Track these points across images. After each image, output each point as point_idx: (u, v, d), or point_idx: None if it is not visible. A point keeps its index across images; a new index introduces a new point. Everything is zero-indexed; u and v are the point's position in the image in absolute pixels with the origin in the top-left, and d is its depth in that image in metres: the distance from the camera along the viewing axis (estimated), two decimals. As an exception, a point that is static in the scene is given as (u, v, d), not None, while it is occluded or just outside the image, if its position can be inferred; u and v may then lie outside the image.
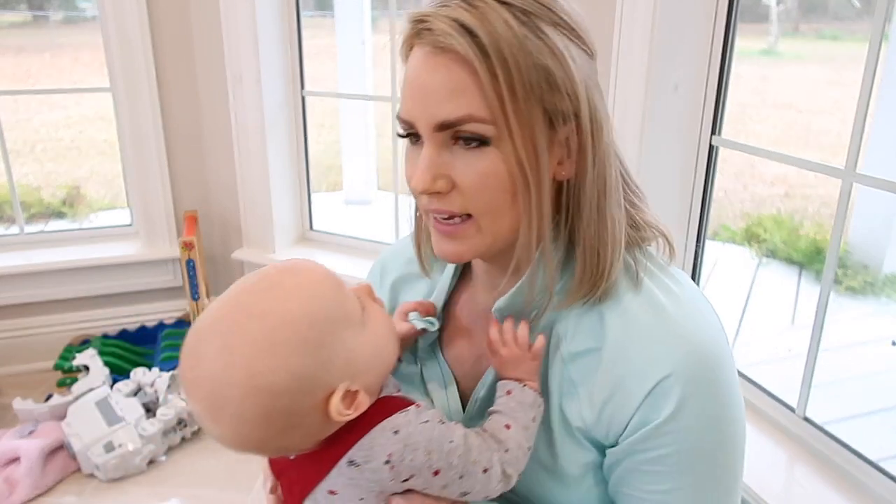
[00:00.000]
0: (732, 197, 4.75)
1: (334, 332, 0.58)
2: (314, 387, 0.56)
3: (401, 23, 0.67)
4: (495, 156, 0.60)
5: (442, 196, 0.62)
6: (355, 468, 0.58)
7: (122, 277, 2.43)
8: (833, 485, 1.32)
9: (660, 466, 0.63)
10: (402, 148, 0.70)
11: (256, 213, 2.37)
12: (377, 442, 0.58)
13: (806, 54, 7.64)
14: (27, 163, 5.45)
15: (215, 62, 2.27)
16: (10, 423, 2.08)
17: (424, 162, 0.61)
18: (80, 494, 1.84)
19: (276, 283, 0.58)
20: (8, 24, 8.23)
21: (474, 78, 0.57)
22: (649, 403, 0.62)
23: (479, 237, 0.64)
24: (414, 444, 0.58)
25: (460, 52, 0.57)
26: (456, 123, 0.59)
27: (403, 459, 0.58)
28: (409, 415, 0.60)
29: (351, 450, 0.58)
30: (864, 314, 3.12)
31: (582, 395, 0.66)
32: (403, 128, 0.64)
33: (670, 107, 1.56)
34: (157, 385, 2.05)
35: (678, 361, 0.62)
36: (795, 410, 1.46)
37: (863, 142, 1.29)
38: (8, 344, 2.38)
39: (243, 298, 0.58)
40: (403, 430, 0.59)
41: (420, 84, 0.60)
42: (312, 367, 0.56)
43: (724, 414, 0.64)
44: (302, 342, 0.56)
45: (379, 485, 0.59)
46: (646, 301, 0.65)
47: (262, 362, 0.54)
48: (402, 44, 0.64)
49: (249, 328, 0.55)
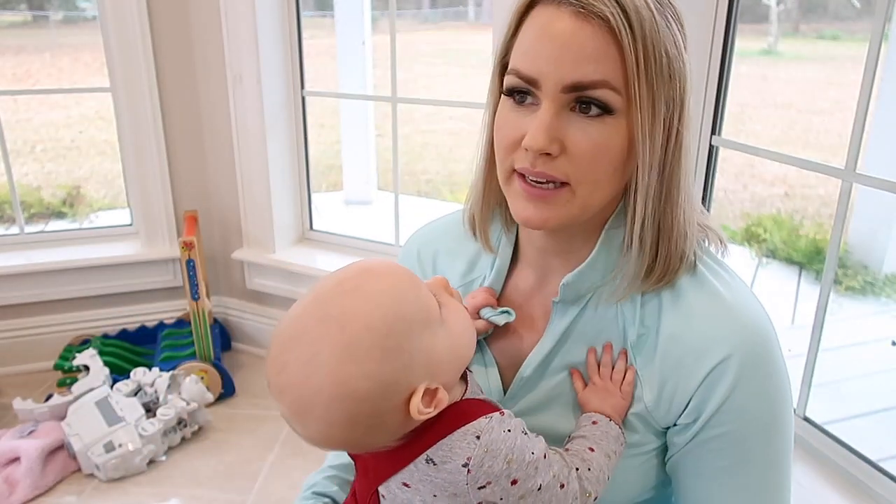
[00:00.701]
0: (732, 197, 4.75)
1: (415, 335, 0.58)
2: (396, 390, 0.57)
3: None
4: (614, 128, 0.61)
5: (549, 159, 0.62)
6: (432, 466, 0.59)
7: (122, 277, 2.43)
8: (833, 485, 1.32)
9: (720, 444, 0.66)
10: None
11: (256, 213, 2.37)
12: (457, 444, 0.58)
13: (806, 54, 7.65)
14: (27, 163, 5.45)
15: (215, 62, 2.27)
16: (10, 423, 2.08)
17: (543, 121, 0.61)
18: (80, 494, 1.84)
19: (356, 287, 0.58)
20: (8, 24, 8.24)
21: (616, 47, 0.59)
22: (710, 383, 0.65)
23: (569, 206, 0.64)
24: (494, 451, 0.58)
25: (609, 20, 0.58)
26: (589, 87, 0.60)
27: (482, 465, 0.58)
28: (493, 421, 0.60)
29: (431, 448, 0.59)
30: (864, 314, 3.12)
31: (644, 379, 0.69)
32: (519, 84, 0.63)
33: (670, 107, 1.56)
34: (157, 385, 2.05)
35: (737, 342, 0.65)
36: (795, 410, 1.46)
37: (863, 142, 1.29)
38: (8, 344, 2.38)
39: (324, 304, 0.58)
40: (485, 436, 0.58)
41: (560, 42, 0.60)
42: (394, 371, 0.56)
43: (778, 393, 0.67)
44: (384, 349, 0.56)
45: (454, 486, 0.59)
46: (701, 287, 0.68)
47: (345, 370, 0.55)
48: (521, 1, 0.64)
49: (332, 336, 0.56)
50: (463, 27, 11.01)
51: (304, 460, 1.95)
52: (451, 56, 9.01)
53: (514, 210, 0.67)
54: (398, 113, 2.21)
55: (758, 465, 0.67)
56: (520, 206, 0.66)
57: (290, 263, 2.33)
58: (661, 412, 0.68)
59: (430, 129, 6.67)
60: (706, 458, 0.67)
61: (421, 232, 0.88)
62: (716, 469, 0.67)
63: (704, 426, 0.66)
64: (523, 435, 0.61)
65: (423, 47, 9.30)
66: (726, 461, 0.66)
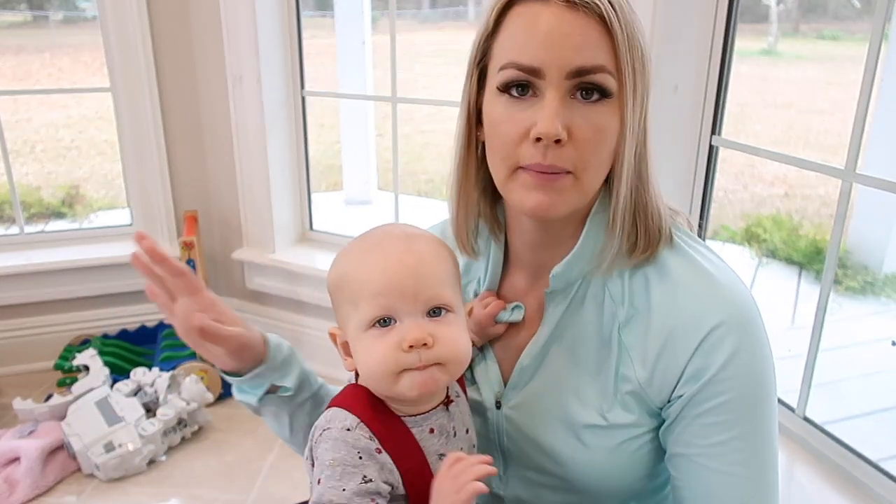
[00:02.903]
0: (732, 197, 4.75)
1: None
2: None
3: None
4: (610, 112, 0.64)
5: (558, 147, 0.64)
6: None
7: (122, 277, 2.42)
8: (833, 485, 1.32)
9: (716, 417, 0.67)
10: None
11: (256, 213, 2.37)
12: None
13: (806, 54, 7.64)
14: (27, 163, 5.45)
15: (215, 62, 2.27)
16: (10, 423, 2.08)
17: (553, 109, 0.63)
18: (80, 494, 1.84)
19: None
20: (8, 24, 8.23)
21: (608, 35, 0.63)
22: (703, 352, 0.66)
23: (573, 192, 0.67)
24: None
25: (598, 9, 0.62)
26: (591, 71, 0.63)
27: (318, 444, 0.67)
28: (334, 431, 0.66)
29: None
30: (864, 314, 3.12)
31: (635, 357, 0.70)
32: (519, 77, 0.64)
33: (670, 107, 1.56)
34: (157, 385, 2.05)
35: (726, 312, 0.67)
36: (795, 410, 1.46)
37: (863, 142, 1.28)
38: (8, 344, 2.38)
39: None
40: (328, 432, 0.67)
41: (558, 31, 0.63)
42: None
43: (766, 363, 0.69)
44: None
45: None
46: (684, 259, 0.71)
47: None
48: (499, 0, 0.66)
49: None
50: (463, 27, 10.99)
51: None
52: (451, 56, 8.99)
53: (520, 200, 0.67)
54: (398, 113, 2.22)
55: (753, 436, 0.68)
56: (527, 195, 0.67)
57: (290, 263, 2.33)
58: (654, 388, 0.70)
59: (430, 129, 6.67)
60: (703, 434, 0.68)
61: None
62: (715, 445, 0.68)
63: (700, 397, 0.67)
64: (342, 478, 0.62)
65: (423, 47, 9.30)
66: (724, 435, 0.67)
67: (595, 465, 0.73)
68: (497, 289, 0.81)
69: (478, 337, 0.79)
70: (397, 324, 0.64)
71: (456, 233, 0.78)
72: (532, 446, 0.77)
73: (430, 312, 0.65)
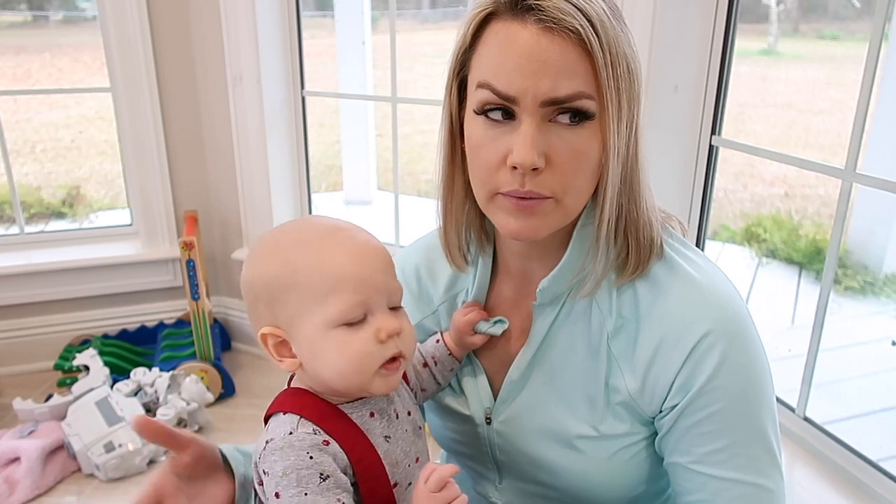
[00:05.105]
0: (732, 197, 4.75)
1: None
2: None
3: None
4: (590, 133, 0.63)
5: (535, 174, 0.62)
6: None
7: (122, 277, 2.43)
8: (833, 485, 1.32)
9: (710, 426, 0.66)
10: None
11: (256, 213, 2.37)
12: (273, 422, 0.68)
13: (806, 54, 7.64)
14: (27, 163, 5.45)
15: (215, 62, 2.27)
16: (10, 423, 2.08)
17: (529, 137, 0.61)
18: (80, 494, 1.84)
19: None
20: (8, 24, 8.23)
21: (587, 58, 0.60)
22: (693, 361, 0.66)
23: (555, 215, 0.65)
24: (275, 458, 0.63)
25: (579, 33, 0.59)
26: (568, 100, 0.61)
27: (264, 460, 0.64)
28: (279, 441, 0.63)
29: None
30: (864, 314, 3.11)
31: (625, 367, 0.69)
32: (496, 103, 0.63)
33: (670, 107, 1.56)
34: (157, 385, 2.05)
35: (714, 319, 0.66)
36: (795, 410, 1.46)
37: (863, 142, 1.29)
38: (8, 344, 2.38)
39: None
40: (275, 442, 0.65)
41: (535, 58, 0.60)
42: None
43: (758, 366, 0.68)
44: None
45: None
46: (673, 271, 0.69)
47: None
48: (476, 14, 0.64)
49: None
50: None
51: (304, 460, 1.95)
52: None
53: (501, 225, 0.67)
54: (398, 113, 2.22)
55: (750, 439, 0.67)
56: (508, 221, 0.66)
57: (290, 263, 2.33)
58: (645, 399, 0.69)
59: (430, 129, 6.67)
60: (699, 442, 0.67)
61: (405, 251, 0.89)
62: (712, 452, 0.67)
63: (694, 407, 0.66)
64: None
65: (423, 47, 9.29)
66: (720, 442, 0.67)
67: (591, 476, 0.72)
68: (485, 300, 0.79)
69: (456, 346, 0.78)
70: (368, 317, 0.63)
71: (446, 245, 0.76)
72: (526, 460, 0.76)
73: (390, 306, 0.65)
